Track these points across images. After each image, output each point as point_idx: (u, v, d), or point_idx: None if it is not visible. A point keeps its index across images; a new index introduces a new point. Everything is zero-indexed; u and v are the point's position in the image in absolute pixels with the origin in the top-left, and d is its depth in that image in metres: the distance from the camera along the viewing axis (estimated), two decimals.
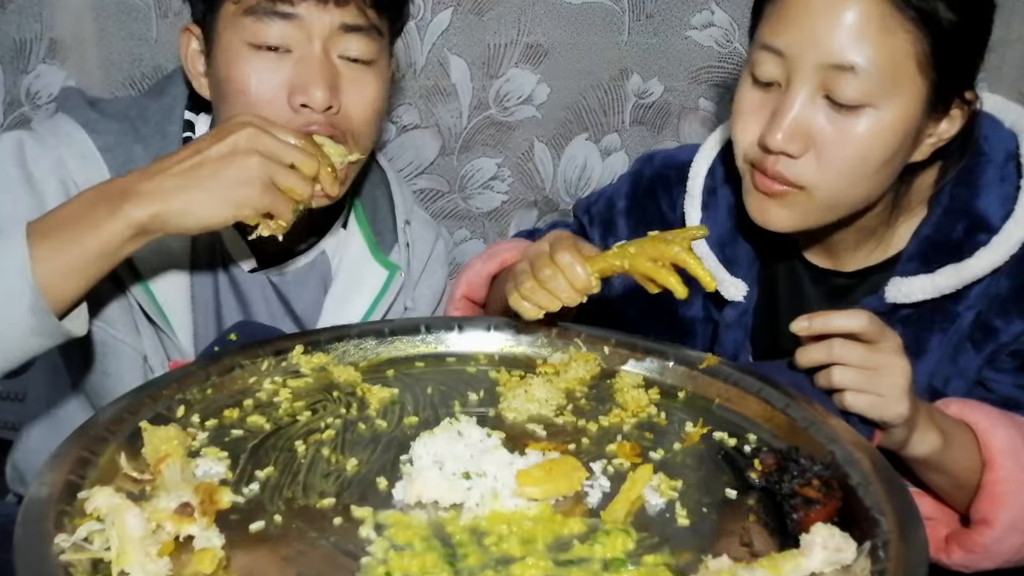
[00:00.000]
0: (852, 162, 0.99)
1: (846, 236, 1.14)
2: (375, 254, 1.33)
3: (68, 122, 1.15)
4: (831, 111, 0.99)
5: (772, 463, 0.83)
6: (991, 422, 1.03)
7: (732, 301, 1.22)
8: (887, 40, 0.95)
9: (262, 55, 1.07)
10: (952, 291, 1.07)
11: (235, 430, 0.91)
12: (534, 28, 1.67)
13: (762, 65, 1.02)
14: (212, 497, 0.73)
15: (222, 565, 0.70)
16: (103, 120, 1.16)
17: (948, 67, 0.98)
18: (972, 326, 1.10)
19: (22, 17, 1.52)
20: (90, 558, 0.67)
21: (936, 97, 1.00)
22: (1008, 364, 1.10)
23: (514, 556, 0.72)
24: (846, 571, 0.71)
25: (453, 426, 0.86)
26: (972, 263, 1.06)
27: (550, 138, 1.77)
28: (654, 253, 1.00)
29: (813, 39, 0.97)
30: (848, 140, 0.98)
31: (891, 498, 0.78)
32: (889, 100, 0.97)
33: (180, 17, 1.56)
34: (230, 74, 1.09)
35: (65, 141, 1.12)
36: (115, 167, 1.13)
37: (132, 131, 1.17)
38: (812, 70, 0.98)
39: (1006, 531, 1.01)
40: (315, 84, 1.07)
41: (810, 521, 0.75)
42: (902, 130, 0.99)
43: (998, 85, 1.81)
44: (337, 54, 1.10)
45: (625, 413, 0.98)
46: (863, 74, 0.95)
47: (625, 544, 0.74)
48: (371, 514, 0.77)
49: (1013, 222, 1.05)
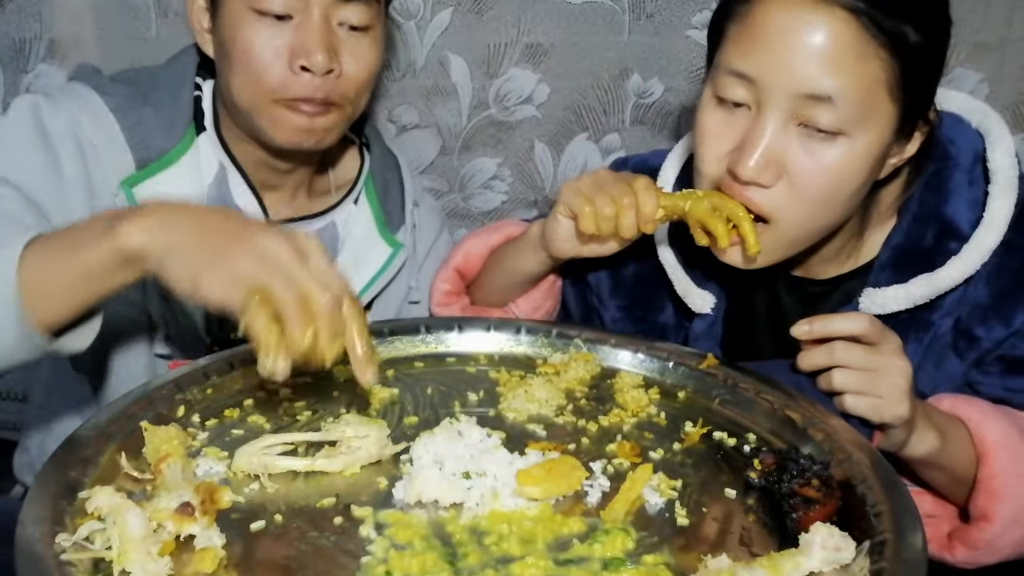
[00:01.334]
0: (825, 191, 0.97)
1: (820, 250, 1.12)
2: (382, 232, 1.37)
3: (79, 86, 1.19)
4: (805, 140, 0.95)
5: (771, 463, 0.83)
6: (983, 416, 1.02)
7: (700, 314, 1.20)
8: (862, 68, 0.92)
9: (265, 20, 1.12)
10: (925, 301, 1.05)
11: (235, 430, 0.91)
12: (534, 28, 1.67)
13: (729, 88, 0.98)
14: (212, 497, 0.73)
15: (223, 564, 0.70)
16: (113, 84, 1.20)
17: (915, 90, 0.96)
18: (954, 335, 1.08)
19: (22, 17, 1.52)
20: (91, 557, 0.68)
21: (904, 121, 0.97)
22: (995, 368, 1.09)
23: (514, 555, 0.73)
24: (845, 570, 0.72)
25: (453, 426, 0.86)
26: (944, 272, 1.03)
27: (550, 138, 1.77)
28: (717, 203, 1.01)
29: (786, 67, 0.93)
30: (822, 170, 0.95)
31: (890, 498, 0.78)
32: (863, 128, 0.94)
33: (180, 17, 1.56)
34: (234, 37, 1.13)
35: (78, 102, 1.16)
36: (127, 127, 1.18)
37: (141, 95, 1.20)
38: (784, 98, 0.94)
39: (1006, 525, 1.01)
40: (316, 48, 1.11)
41: (809, 521, 0.75)
42: (874, 156, 0.97)
43: (998, 85, 1.81)
44: (337, 21, 1.14)
45: (625, 413, 0.99)
46: (839, 104, 0.92)
47: (625, 544, 0.75)
48: (371, 513, 0.78)
49: (983, 229, 1.03)
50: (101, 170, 1.15)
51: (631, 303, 1.29)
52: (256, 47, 1.12)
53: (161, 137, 1.20)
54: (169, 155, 1.20)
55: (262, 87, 1.13)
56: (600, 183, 1.08)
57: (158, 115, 1.20)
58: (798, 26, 0.92)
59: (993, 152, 1.05)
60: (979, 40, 1.78)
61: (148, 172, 1.18)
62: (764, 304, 1.22)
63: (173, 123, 1.21)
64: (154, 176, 1.19)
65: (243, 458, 0.82)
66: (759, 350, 1.21)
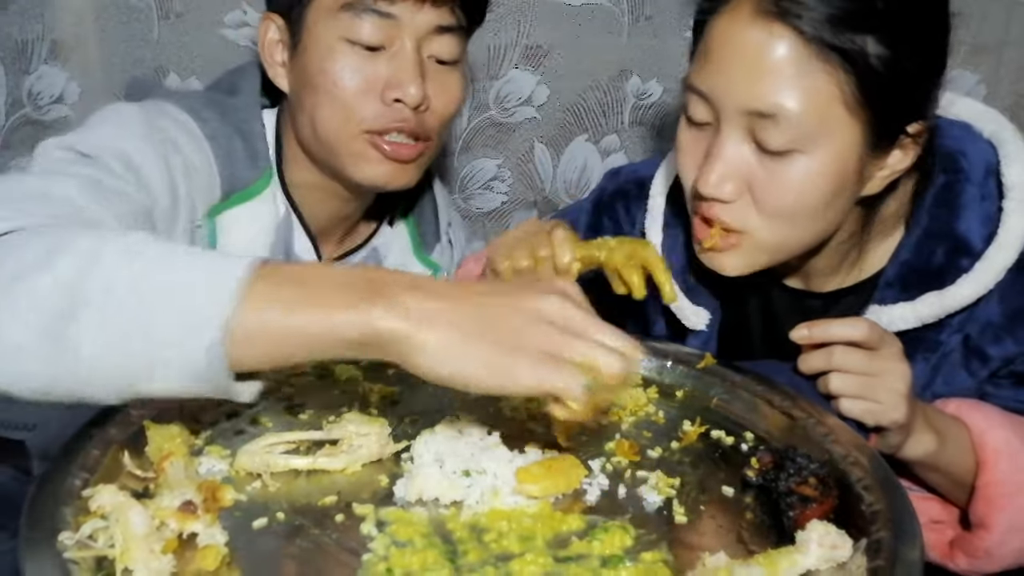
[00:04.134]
0: (789, 207, 0.95)
1: (817, 262, 1.10)
2: (417, 253, 1.36)
3: (169, 106, 1.12)
4: (762, 156, 0.93)
5: (769, 461, 0.83)
6: (988, 423, 1.01)
7: (695, 330, 1.19)
8: (807, 84, 0.89)
9: (357, 51, 1.09)
10: (934, 320, 1.03)
11: (238, 429, 0.91)
12: (534, 29, 1.67)
13: (692, 106, 0.98)
14: (215, 495, 0.74)
15: (225, 562, 0.70)
16: (202, 109, 1.14)
17: (885, 104, 0.91)
18: (964, 354, 1.06)
19: (24, 18, 1.53)
20: (94, 555, 0.68)
21: (875, 135, 0.93)
22: (1006, 381, 1.08)
23: (513, 552, 0.73)
24: (842, 568, 0.72)
25: (453, 424, 0.87)
26: (954, 291, 1.01)
27: (550, 139, 1.77)
28: (630, 251, 1.02)
29: (733, 84, 0.92)
30: (781, 186, 0.93)
31: (887, 497, 0.79)
32: (818, 145, 0.91)
33: (182, 18, 1.56)
34: (323, 67, 1.09)
35: (177, 121, 1.11)
36: (219, 156, 1.13)
37: (230, 125, 1.15)
38: (736, 115, 0.93)
39: (1005, 534, 0.99)
40: (410, 80, 1.09)
41: (806, 519, 0.76)
42: (838, 172, 0.93)
43: (996, 87, 1.82)
44: (427, 53, 1.12)
45: (623, 412, 0.99)
46: (786, 121, 0.89)
47: (623, 541, 0.75)
48: (372, 511, 0.78)
49: (995, 248, 1.00)
50: (195, 193, 1.09)
51: (623, 317, 1.28)
52: (347, 77, 1.08)
53: (246, 169, 1.16)
54: (252, 188, 1.17)
55: (353, 118, 1.10)
56: (520, 237, 1.08)
57: (246, 147, 1.15)
58: (742, 42, 0.91)
59: (1009, 168, 1.01)
60: (977, 42, 1.78)
61: (231, 203, 1.15)
62: (760, 318, 1.20)
63: (255, 156, 1.17)
64: (236, 207, 1.15)
65: (245, 457, 0.83)
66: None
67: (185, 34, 1.58)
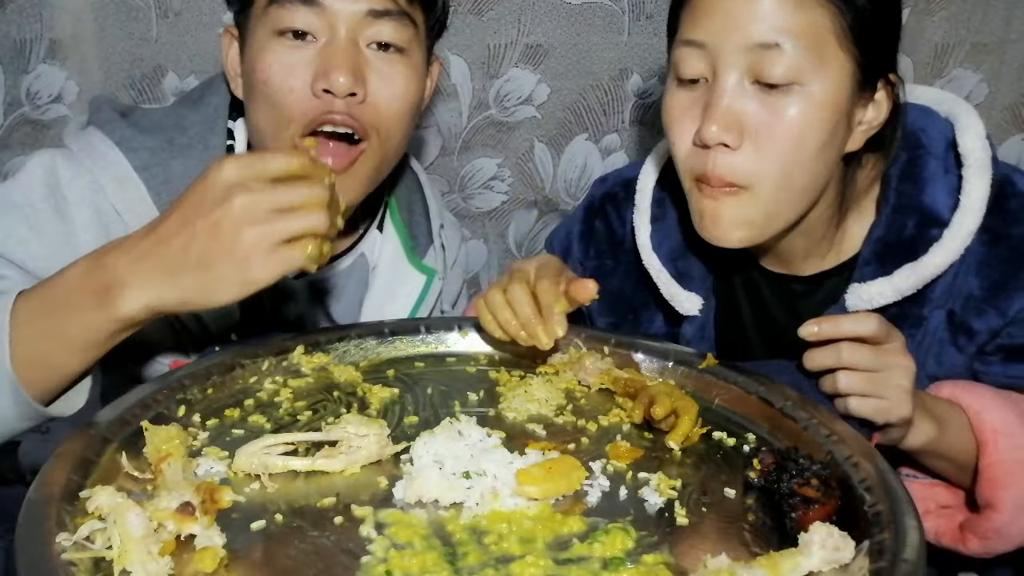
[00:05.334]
0: (790, 146, 0.98)
1: (796, 241, 1.12)
2: (410, 257, 1.34)
3: (102, 140, 1.12)
4: (761, 95, 0.98)
5: (771, 463, 0.83)
6: (983, 403, 1.03)
7: (688, 316, 1.20)
8: (805, 16, 0.95)
9: (286, 43, 1.07)
10: (913, 292, 1.06)
11: (236, 430, 0.91)
12: (534, 28, 1.67)
13: (685, 62, 1.01)
14: (213, 496, 0.73)
15: (223, 564, 0.70)
16: (138, 136, 1.13)
17: (868, 44, 0.99)
18: (951, 330, 1.09)
19: (22, 17, 1.52)
20: (92, 557, 0.68)
21: (862, 75, 0.99)
22: (995, 357, 1.10)
23: (514, 555, 0.73)
24: (844, 570, 0.72)
25: (453, 426, 0.86)
26: (927, 261, 1.04)
27: (550, 138, 1.77)
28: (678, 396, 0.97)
29: (733, 24, 0.97)
30: (782, 121, 0.97)
31: (889, 498, 0.78)
32: (816, 75, 0.96)
33: (180, 17, 1.56)
34: (255, 65, 1.08)
35: (100, 163, 1.10)
36: (154, 186, 1.11)
37: (168, 146, 1.14)
38: (737, 54, 0.97)
39: (1013, 512, 1.01)
40: (337, 69, 1.04)
41: (808, 520, 0.75)
42: (833, 107, 0.98)
43: (997, 85, 1.82)
44: (367, 41, 1.08)
45: (624, 413, 0.99)
46: (787, 50, 0.95)
47: (624, 543, 0.75)
48: (371, 513, 0.78)
49: (961, 213, 1.04)
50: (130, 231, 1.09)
51: (620, 318, 1.30)
52: (276, 71, 1.06)
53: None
54: None
55: (283, 119, 1.07)
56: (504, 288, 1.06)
57: (187, 165, 1.12)
58: None
59: (963, 137, 1.07)
60: (978, 40, 1.78)
61: None
62: (749, 304, 1.22)
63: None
64: None
65: (243, 458, 0.83)
66: (749, 351, 1.22)
67: (184, 33, 1.57)
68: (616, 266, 1.29)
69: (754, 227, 1.03)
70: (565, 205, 1.84)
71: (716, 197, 1.02)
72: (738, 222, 1.03)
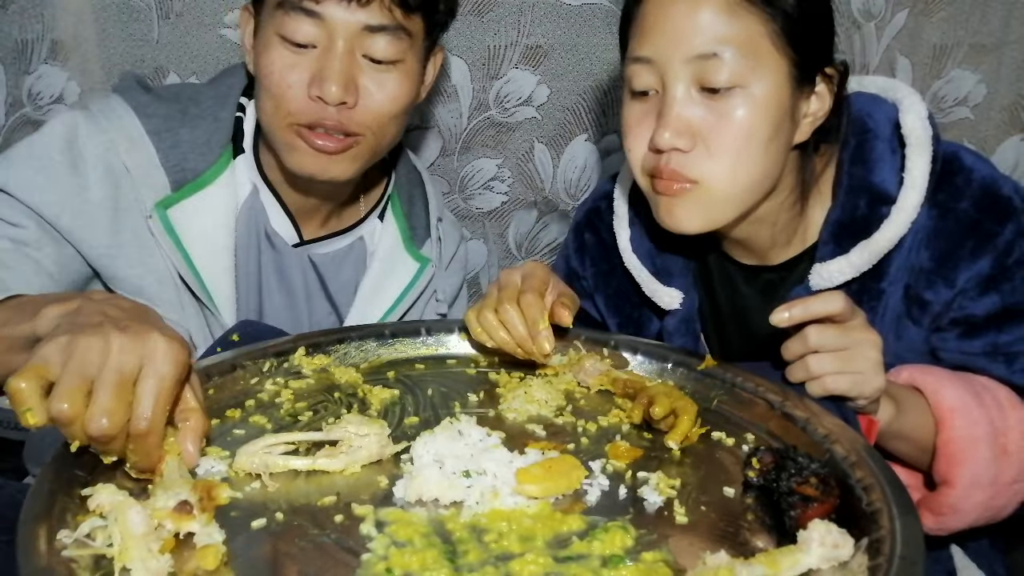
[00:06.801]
0: (738, 143, 1.04)
1: (760, 231, 1.17)
2: (408, 247, 1.40)
3: (120, 103, 1.20)
4: (707, 100, 1.04)
5: (770, 462, 0.83)
6: (939, 383, 1.06)
7: (670, 310, 1.25)
8: (739, 25, 1.02)
9: (287, 47, 1.14)
10: (869, 267, 1.10)
11: (237, 430, 0.92)
12: (534, 29, 1.67)
13: (637, 77, 1.08)
14: (210, 494, 0.74)
15: (224, 561, 0.70)
16: (153, 103, 1.21)
17: (801, 44, 1.04)
18: (905, 303, 1.12)
19: (24, 18, 1.53)
20: (92, 554, 0.68)
21: (799, 72, 1.05)
22: (950, 333, 1.13)
23: (513, 553, 0.73)
24: (843, 567, 0.72)
25: (453, 425, 0.86)
26: (879, 237, 1.09)
27: (550, 139, 1.77)
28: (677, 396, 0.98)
29: (676, 39, 1.03)
30: (729, 122, 1.03)
31: (887, 495, 0.78)
32: (755, 77, 1.03)
33: (181, 18, 1.56)
34: (260, 60, 1.16)
35: (116, 124, 1.18)
36: (163, 149, 1.19)
37: (180, 115, 1.22)
38: (682, 66, 1.03)
39: (968, 488, 1.05)
40: (330, 79, 1.12)
41: (807, 518, 0.75)
42: (775, 104, 1.04)
43: (996, 86, 1.82)
44: (362, 53, 1.14)
45: (624, 413, 0.99)
46: (727, 58, 1.02)
47: (624, 541, 0.75)
48: (372, 511, 0.78)
49: (906, 188, 1.09)
50: (135, 192, 1.18)
51: (623, 320, 1.35)
52: (276, 71, 1.14)
53: (197, 158, 1.21)
54: (204, 176, 1.21)
55: (280, 110, 1.15)
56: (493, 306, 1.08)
57: (195, 135, 1.21)
58: (678, 4, 1.04)
59: (906, 117, 1.12)
60: (977, 41, 1.78)
61: (183, 194, 1.20)
62: (726, 297, 1.27)
63: (210, 143, 1.22)
64: (188, 198, 1.20)
65: (244, 457, 0.83)
66: (729, 343, 1.27)
67: (185, 34, 1.58)
68: (612, 269, 1.33)
69: (709, 215, 1.08)
70: (565, 205, 1.84)
71: (670, 193, 1.07)
72: (692, 212, 1.08)
